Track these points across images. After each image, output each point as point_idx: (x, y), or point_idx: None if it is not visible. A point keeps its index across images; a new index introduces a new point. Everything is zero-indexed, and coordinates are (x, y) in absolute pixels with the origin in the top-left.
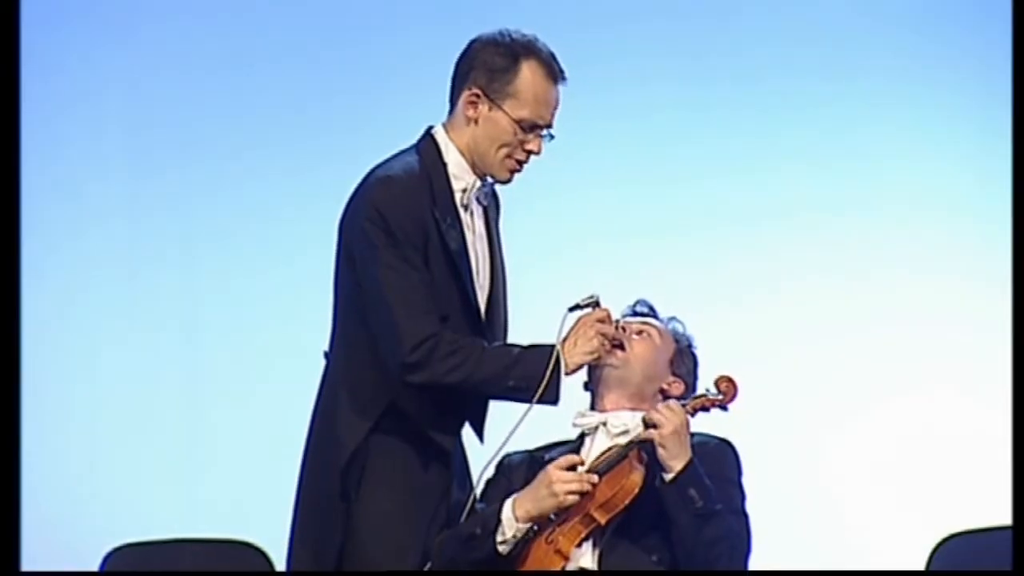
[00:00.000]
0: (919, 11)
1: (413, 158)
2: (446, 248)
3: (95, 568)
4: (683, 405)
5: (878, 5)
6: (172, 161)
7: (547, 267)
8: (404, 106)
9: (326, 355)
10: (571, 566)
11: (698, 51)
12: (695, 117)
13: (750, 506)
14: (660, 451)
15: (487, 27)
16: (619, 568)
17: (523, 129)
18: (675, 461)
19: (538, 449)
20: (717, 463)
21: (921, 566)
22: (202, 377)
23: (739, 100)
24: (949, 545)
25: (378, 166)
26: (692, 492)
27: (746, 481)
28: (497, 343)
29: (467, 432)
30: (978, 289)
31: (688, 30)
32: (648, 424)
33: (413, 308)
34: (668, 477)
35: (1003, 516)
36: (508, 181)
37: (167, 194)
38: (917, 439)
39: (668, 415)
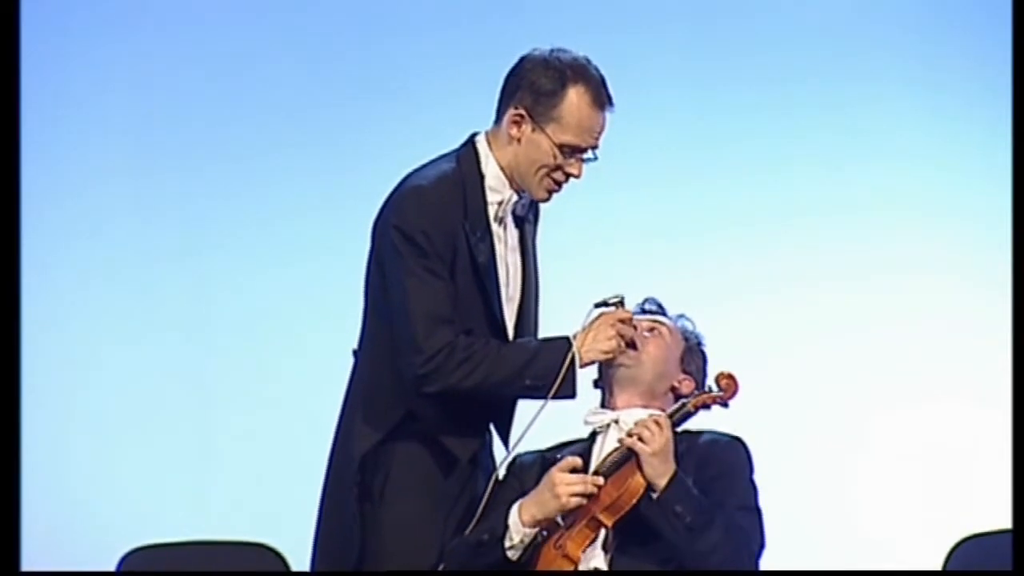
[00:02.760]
0: (919, 14)
1: (450, 166)
2: (474, 262)
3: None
4: (683, 404)
5: (879, 8)
6: (179, 163)
7: (556, 267)
8: (415, 109)
9: (355, 353)
10: (582, 568)
11: (705, 55)
12: (703, 120)
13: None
14: (646, 468)
15: (495, 33)
16: (630, 568)
17: (563, 154)
18: (660, 479)
19: (549, 449)
20: (728, 461)
21: (936, 568)
22: (211, 378)
23: (744, 103)
24: (965, 547)
25: (415, 172)
26: (678, 508)
27: (758, 482)
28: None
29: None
30: (985, 292)
31: (697, 34)
32: (631, 436)
33: (432, 318)
34: (654, 495)
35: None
36: (546, 200)
37: (174, 195)
38: (930, 441)
39: (654, 433)
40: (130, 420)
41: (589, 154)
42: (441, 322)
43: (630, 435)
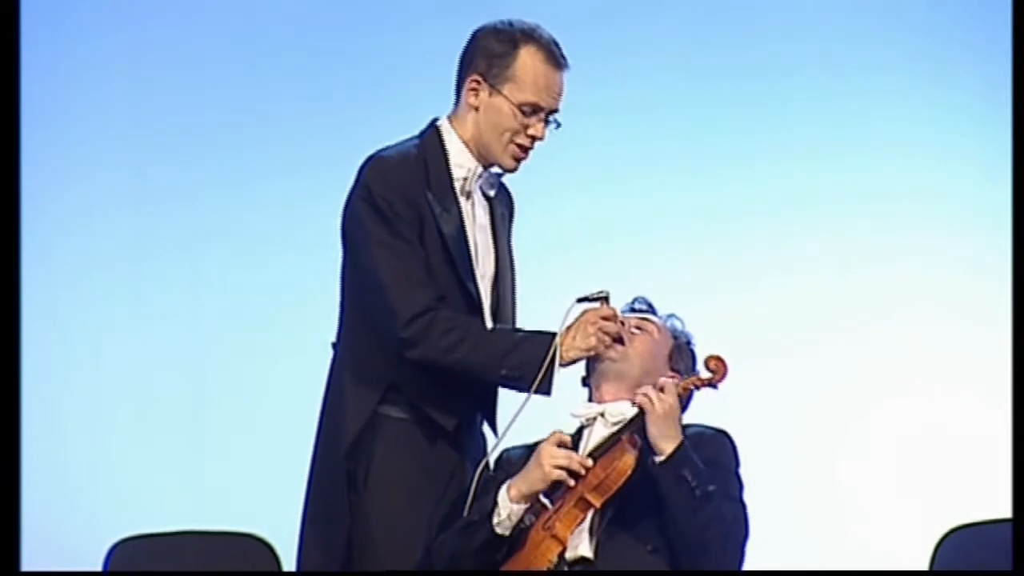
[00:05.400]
0: (918, 6)
1: (413, 144)
2: (441, 233)
3: (100, 561)
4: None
5: (879, 2)
6: (177, 155)
7: (545, 263)
8: (412, 102)
9: (334, 346)
10: (569, 554)
11: (699, 46)
12: (696, 112)
13: (752, 500)
14: (651, 431)
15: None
16: (617, 556)
17: (524, 113)
18: (667, 443)
19: (537, 443)
20: (714, 452)
21: (925, 559)
22: (205, 370)
23: (739, 96)
24: (954, 538)
25: (377, 151)
26: (686, 472)
27: (748, 476)
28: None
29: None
30: (980, 284)
31: (691, 25)
32: (640, 395)
33: (406, 283)
34: (660, 459)
35: (1007, 509)
36: (514, 169)
37: (172, 187)
38: (920, 433)
39: (660, 396)
40: (131, 415)
41: (552, 120)
42: (415, 285)
43: (639, 395)
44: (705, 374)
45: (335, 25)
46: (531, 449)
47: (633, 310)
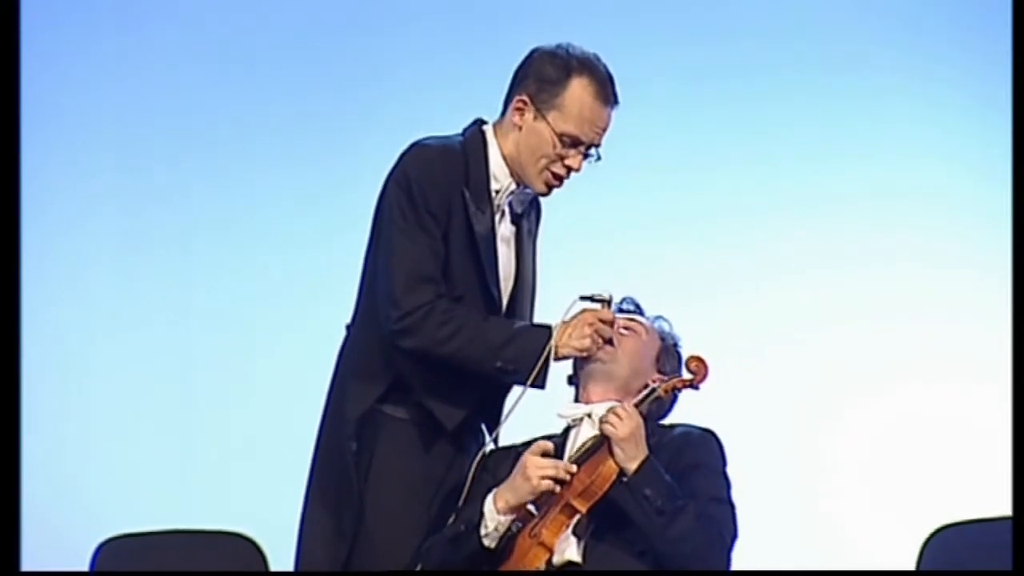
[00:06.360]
0: (920, 7)
1: (457, 140)
2: (471, 229)
3: (88, 560)
4: (653, 390)
5: (878, 2)
6: (168, 156)
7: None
8: (402, 102)
9: (348, 328)
10: (557, 559)
11: (699, 46)
12: (695, 111)
13: (742, 499)
14: (617, 453)
15: (485, 22)
16: (605, 560)
17: (563, 143)
18: (631, 463)
19: (523, 444)
20: (700, 452)
21: (913, 558)
22: (196, 370)
23: (738, 95)
24: (941, 536)
25: (421, 139)
26: (648, 492)
27: (740, 475)
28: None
29: None
30: (976, 282)
31: (691, 24)
32: (603, 422)
33: (414, 275)
34: (625, 479)
35: (994, 508)
36: (545, 194)
37: (163, 188)
38: (909, 432)
39: (624, 418)
40: (131, 414)
41: (592, 153)
42: (422, 280)
43: (603, 421)
44: (686, 375)
45: (328, 25)
46: (517, 451)
47: (621, 310)
